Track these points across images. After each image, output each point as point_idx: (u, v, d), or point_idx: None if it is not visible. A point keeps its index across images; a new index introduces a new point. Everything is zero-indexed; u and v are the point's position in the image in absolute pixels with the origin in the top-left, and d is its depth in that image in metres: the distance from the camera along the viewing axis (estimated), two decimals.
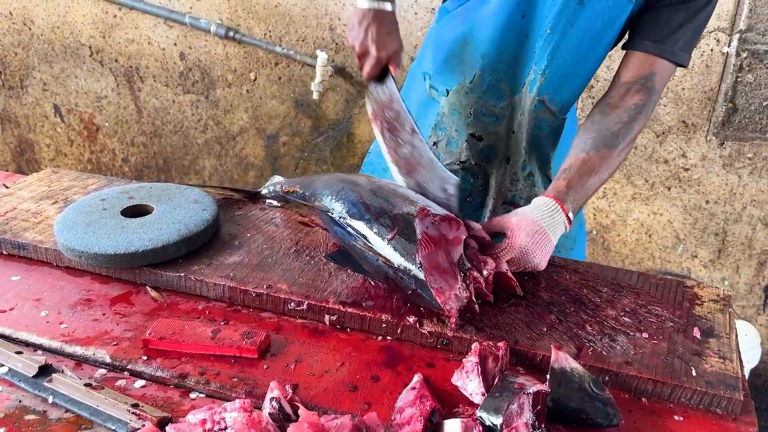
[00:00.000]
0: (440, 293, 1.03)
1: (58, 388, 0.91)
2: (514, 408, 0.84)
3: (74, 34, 3.16)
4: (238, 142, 3.13)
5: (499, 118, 1.52)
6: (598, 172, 1.28)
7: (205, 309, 1.15)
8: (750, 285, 2.61)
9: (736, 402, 0.95)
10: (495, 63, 1.44)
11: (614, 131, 1.31)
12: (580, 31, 1.35)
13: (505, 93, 1.48)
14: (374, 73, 1.40)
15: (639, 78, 1.35)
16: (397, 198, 1.16)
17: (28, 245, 1.27)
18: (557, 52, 1.38)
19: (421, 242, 1.06)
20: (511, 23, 1.38)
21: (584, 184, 1.27)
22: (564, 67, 1.40)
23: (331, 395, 0.94)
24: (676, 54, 1.33)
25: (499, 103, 1.49)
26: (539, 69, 1.41)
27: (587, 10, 1.32)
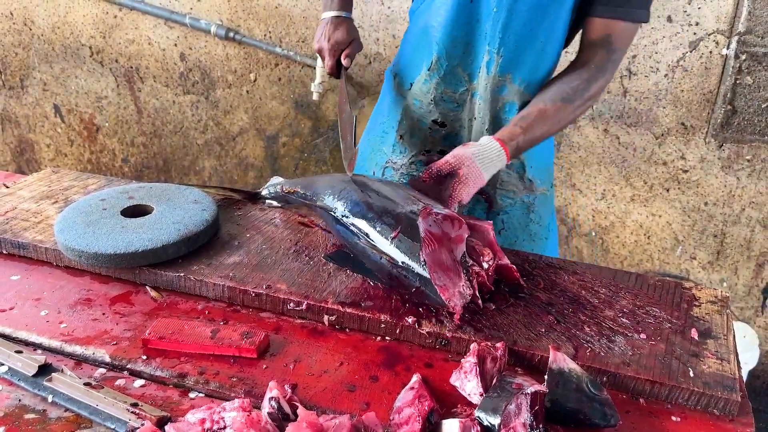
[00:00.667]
0: (444, 290, 1.04)
1: (57, 387, 0.92)
2: (511, 408, 0.84)
3: (74, 35, 3.16)
4: (238, 142, 3.13)
5: (459, 104, 1.55)
6: (550, 123, 1.37)
7: (205, 309, 1.15)
8: (748, 287, 2.61)
9: (733, 403, 0.95)
10: (449, 49, 1.48)
11: (572, 86, 1.39)
12: (526, 5, 1.38)
13: (463, 79, 1.52)
14: (330, 63, 1.53)
15: (597, 40, 1.40)
16: (399, 197, 1.18)
17: (28, 245, 1.27)
18: (507, 29, 1.41)
19: (425, 240, 1.08)
20: (461, 8, 1.42)
21: (534, 133, 1.36)
22: (518, 43, 1.43)
23: (329, 395, 0.94)
24: (630, 12, 1.37)
25: (459, 89, 1.53)
26: (493, 49, 1.44)
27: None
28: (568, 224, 2.76)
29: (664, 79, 2.40)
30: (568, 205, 2.73)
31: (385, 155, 1.67)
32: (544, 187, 1.66)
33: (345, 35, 1.52)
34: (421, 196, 1.21)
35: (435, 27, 1.47)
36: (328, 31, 1.52)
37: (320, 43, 1.54)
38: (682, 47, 2.34)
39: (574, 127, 2.58)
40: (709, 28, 2.29)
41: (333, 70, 1.55)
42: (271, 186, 1.50)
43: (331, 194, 1.26)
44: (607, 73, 1.42)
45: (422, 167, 1.62)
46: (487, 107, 1.52)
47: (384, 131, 1.67)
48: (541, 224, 1.67)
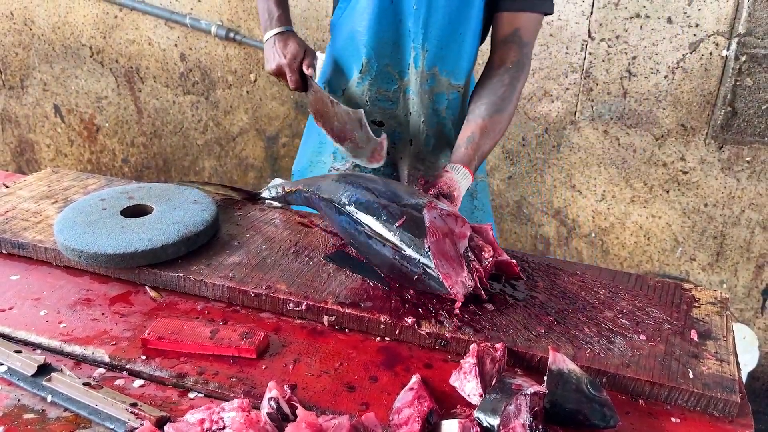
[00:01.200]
0: (447, 277, 1.07)
1: (56, 387, 0.92)
2: (511, 409, 0.84)
3: (75, 35, 3.16)
4: (238, 143, 3.14)
5: (393, 102, 1.60)
6: (492, 135, 1.43)
7: (204, 309, 1.15)
8: (748, 288, 2.61)
9: (732, 404, 0.95)
10: (378, 49, 1.53)
11: (501, 95, 1.45)
12: (443, 1, 1.44)
13: (394, 77, 1.57)
14: (294, 78, 1.52)
15: (507, 36, 1.48)
16: (403, 191, 1.20)
17: (27, 245, 1.27)
18: (429, 24, 1.47)
19: (430, 229, 1.10)
20: (383, 9, 1.47)
21: (483, 149, 1.42)
22: (441, 37, 1.49)
23: (329, 395, 0.94)
24: (534, 4, 1.45)
25: (391, 87, 1.58)
26: (417, 45, 1.50)
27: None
28: (568, 225, 2.76)
29: (664, 80, 2.40)
30: (568, 206, 2.73)
31: (325, 165, 1.70)
32: (481, 175, 1.75)
33: (297, 47, 1.52)
34: (425, 194, 1.23)
35: (361, 31, 1.52)
36: (278, 48, 1.52)
37: (277, 62, 1.52)
38: (682, 48, 2.34)
39: (574, 129, 2.58)
40: (709, 30, 2.29)
41: (298, 84, 1.54)
42: (272, 187, 1.50)
43: (335, 187, 1.27)
44: (524, 68, 1.49)
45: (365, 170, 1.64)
46: (419, 101, 1.58)
47: (321, 141, 1.70)
48: (484, 210, 1.77)
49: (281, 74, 1.54)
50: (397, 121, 1.63)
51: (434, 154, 1.67)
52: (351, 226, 1.20)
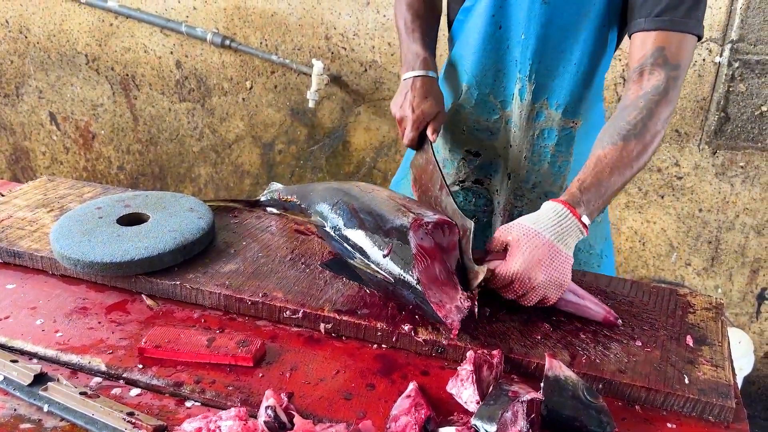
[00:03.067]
0: (441, 307, 1.03)
1: (53, 396, 0.91)
2: (508, 416, 0.85)
3: (70, 43, 3.16)
4: (234, 150, 3.14)
5: (494, 133, 1.50)
6: (617, 168, 1.15)
7: (201, 317, 1.15)
8: (743, 293, 2.62)
9: (728, 410, 0.96)
10: (480, 77, 1.45)
11: (629, 121, 1.19)
12: (554, 28, 1.33)
13: (495, 106, 1.47)
14: (412, 136, 1.37)
15: (646, 58, 1.23)
16: (390, 209, 1.16)
17: (23, 253, 1.27)
18: (537, 55, 1.37)
19: (417, 257, 1.06)
20: (489, 35, 1.39)
21: (601, 183, 1.14)
22: (549, 68, 1.38)
23: (326, 403, 0.94)
24: (677, 23, 1.21)
25: (492, 117, 1.48)
26: (524, 76, 1.40)
27: (553, 6, 1.31)
28: None
29: None
30: None
31: None
32: None
33: (433, 106, 1.37)
34: (411, 204, 1.19)
35: (465, 56, 1.45)
36: (413, 98, 1.37)
37: (403, 112, 1.38)
38: None
39: None
40: None
41: (413, 143, 1.39)
42: (269, 193, 1.51)
43: (325, 207, 1.25)
44: (669, 94, 1.21)
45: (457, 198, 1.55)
46: (522, 135, 1.46)
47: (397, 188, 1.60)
48: (591, 252, 1.55)
49: (401, 124, 1.40)
50: (495, 153, 1.52)
51: (534, 192, 1.53)
52: (343, 251, 1.18)
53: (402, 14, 1.48)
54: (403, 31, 1.46)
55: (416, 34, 1.44)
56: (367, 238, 1.13)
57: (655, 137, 1.20)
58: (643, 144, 1.18)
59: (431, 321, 1.09)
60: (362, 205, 1.20)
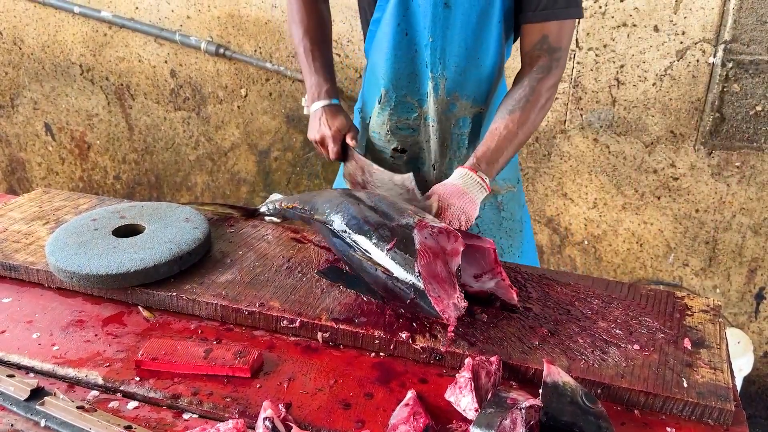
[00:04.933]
0: (439, 301, 1.05)
1: (50, 411, 0.91)
2: (507, 423, 0.84)
3: (65, 53, 3.16)
4: (230, 157, 3.13)
5: (414, 129, 1.62)
6: (506, 137, 1.38)
7: (198, 328, 1.15)
8: (741, 292, 2.62)
9: (727, 413, 0.95)
10: (395, 81, 1.55)
11: (516, 98, 1.42)
12: (458, 29, 1.46)
13: (413, 105, 1.59)
14: (336, 149, 1.53)
15: (534, 45, 1.45)
16: (396, 211, 1.18)
17: (19, 267, 1.26)
18: (446, 54, 1.49)
19: (420, 252, 1.08)
20: (397, 42, 1.50)
21: (493, 150, 1.37)
22: (459, 64, 1.50)
23: (324, 413, 0.94)
24: (557, 13, 1.41)
25: (411, 115, 1.60)
26: (436, 74, 1.51)
27: (455, 9, 1.44)
28: (561, 233, 2.77)
29: (652, 87, 2.42)
30: (560, 215, 2.74)
31: None
32: (509, 185, 1.72)
33: (344, 121, 1.54)
34: (417, 210, 1.21)
35: (379, 63, 1.55)
36: (326, 119, 1.53)
37: (321, 132, 1.54)
38: (670, 56, 2.36)
39: (564, 137, 2.59)
40: (695, 37, 2.31)
41: (339, 155, 1.55)
42: (270, 203, 1.51)
43: (328, 208, 1.26)
44: (552, 72, 1.44)
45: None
46: (439, 127, 1.59)
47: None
48: (513, 219, 1.75)
49: (323, 144, 1.55)
50: (419, 147, 1.65)
51: None
52: (344, 248, 1.19)
53: (299, 40, 1.58)
54: (303, 59, 1.58)
55: (317, 63, 1.57)
56: (370, 232, 1.15)
57: (536, 107, 1.42)
58: (525, 114, 1.41)
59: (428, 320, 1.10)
60: (367, 206, 1.22)
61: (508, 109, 1.41)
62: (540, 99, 1.43)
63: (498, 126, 1.40)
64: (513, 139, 1.40)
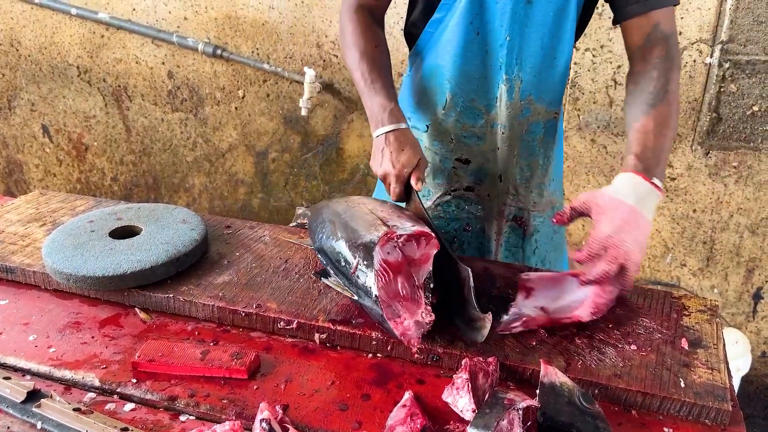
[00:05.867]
0: (398, 324, 1.02)
1: (46, 413, 0.91)
2: (504, 424, 0.84)
3: (62, 55, 3.16)
4: (228, 159, 3.13)
5: (480, 137, 1.52)
6: (658, 131, 1.27)
7: (195, 330, 1.14)
8: (739, 292, 2.62)
9: (724, 413, 0.96)
10: (463, 84, 1.46)
11: (651, 90, 1.32)
12: (537, 27, 1.38)
13: (480, 111, 1.49)
14: (398, 191, 1.35)
15: (647, 37, 1.35)
16: (365, 226, 1.14)
17: (15, 269, 1.26)
18: (523, 54, 1.41)
19: (378, 273, 1.05)
20: (468, 42, 1.41)
21: (651, 149, 1.25)
22: (535, 65, 1.43)
23: (321, 415, 0.94)
24: (662, 1, 1.33)
25: (478, 122, 1.50)
26: (511, 76, 1.43)
27: (536, 6, 1.36)
28: None
29: None
30: None
31: None
32: (562, 199, 1.68)
33: (411, 156, 1.33)
34: (392, 215, 1.18)
35: (444, 66, 1.45)
36: (390, 153, 1.34)
37: (384, 169, 1.35)
38: None
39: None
40: (692, 38, 2.31)
41: (401, 197, 1.36)
42: (298, 216, 1.53)
43: (314, 228, 1.28)
44: (674, 60, 1.35)
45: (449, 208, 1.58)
46: (510, 134, 1.49)
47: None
48: (560, 232, 1.72)
49: (385, 181, 1.37)
50: (485, 157, 1.54)
51: (528, 188, 1.59)
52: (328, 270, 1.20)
53: (356, 64, 1.44)
54: (362, 83, 1.42)
55: (377, 84, 1.40)
56: (341, 256, 1.13)
57: (675, 97, 1.33)
58: (668, 105, 1.31)
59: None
60: (342, 222, 1.19)
61: (650, 103, 1.30)
62: (673, 86, 1.33)
63: (646, 123, 1.28)
64: (667, 134, 1.28)
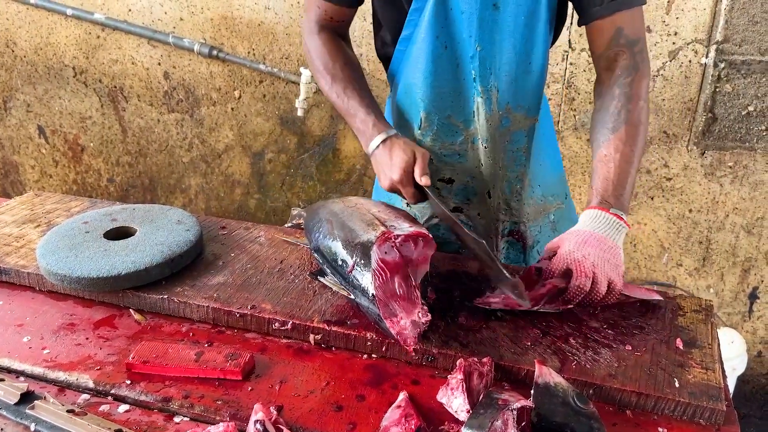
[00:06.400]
0: (395, 324, 1.02)
1: (40, 415, 0.91)
2: (498, 425, 0.84)
3: (57, 56, 3.15)
4: (224, 159, 3.13)
5: (461, 155, 1.46)
6: (621, 159, 1.23)
7: (189, 331, 1.14)
8: (735, 292, 2.63)
9: (719, 413, 0.96)
10: (436, 101, 1.40)
11: (612, 111, 1.27)
12: (508, 33, 1.32)
13: (458, 128, 1.43)
14: (411, 192, 1.31)
15: (609, 42, 1.30)
16: (363, 225, 1.15)
17: (10, 270, 1.26)
18: (496, 62, 1.35)
19: (375, 273, 1.05)
20: (436, 57, 1.35)
21: (613, 180, 1.22)
22: (510, 72, 1.37)
23: (316, 416, 0.94)
24: (627, 1, 1.27)
25: (457, 139, 1.44)
26: (487, 86, 1.37)
27: (504, 11, 1.30)
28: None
29: None
30: None
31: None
32: (558, 202, 1.60)
33: (403, 154, 1.30)
34: (389, 216, 1.18)
35: (416, 84, 1.40)
36: (387, 165, 1.31)
37: (388, 180, 1.31)
38: (662, 57, 2.36)
39: (558, 138, 2.59)
40: (687, 38, 2.31)
41: (417, 197, 1.32)
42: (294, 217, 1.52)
43: (311, 228, 1.28)
44: (638, 68, 1.29)
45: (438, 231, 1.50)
46: (493, 146, 1.43)
47: (389, 199, 1.50)
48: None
49: (397, 191, 1.33)
50: (469, 175, 1.48)
51: (520, 200, 1.54)
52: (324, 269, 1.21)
53: (330, 88, 1.40)
54: (340, 105, 1.40)
55: (353, 101, 1.37)
56: (338, 255, 1.14)
57: (641, 114, 1.27)
58: (631, 125, 1.25)
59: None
60: (339, 221, 1.20)
61: (609, 128, 1.25)
62: (640, 103, 1.27)
63: (608, 150, 1.24)
64: (631, 160, 1.23)
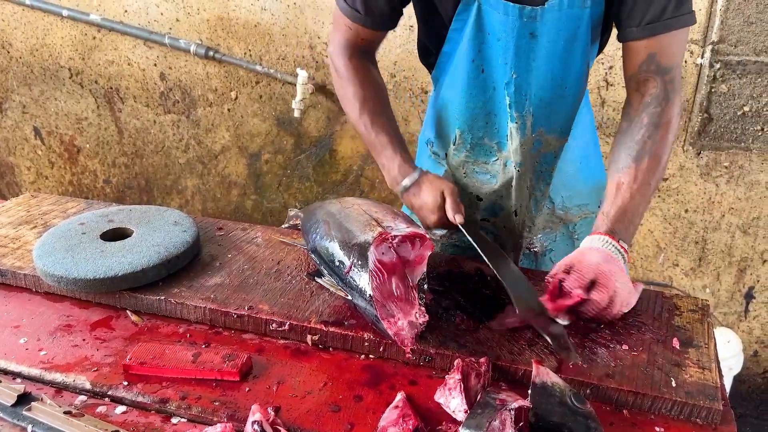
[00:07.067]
0: (392, 324, 1.02)
1: (37, 416, 0.90)
2: (496, 425, 0.84)
3: (53, 57, 3.15)
4: (221, 160, 3.13)
5: (493, 176, 1.46)
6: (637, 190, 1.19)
7: (186, 332, 1.14)
8: (731, 292, 2.64)
9: (715, 412, 0.96)
10: (470, 121, 1.41)
11: (638, 140, 1.22)
12: (545, 59, 1.29)
13: (492, 149, 1.43)
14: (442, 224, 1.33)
15: (640, 66, 1.25)
16: (360, 226, 1.15)
17: (6, 271, 1.25)
18: (531, 88, 1.33)
19: (372, 273, 1.05)
20: (472, 79, 1.35)
21: (625, 210, 1.18)
22: (545, 97, 1.35)
23: (313, 416, 0.94)
24: (666, 25, 1.20)
25: (491, 158, 1.44)
26: (522, 112, 1.35)
27: (541, 38, 1.26)
28: None
29: None
30: None
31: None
32: (585, 212, 1.53)
33: (430, 195, 1.31)
34: (386, 216, 1.19)
35: (453, 102, 1.40)
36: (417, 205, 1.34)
37: (425, 224, 1.35)
38: None
39: None
40: None
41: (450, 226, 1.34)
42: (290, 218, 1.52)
43: (309, 226, 1.28)
44: (670, 99, 1.23)
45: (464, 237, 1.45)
46: (523, 170, 1.42)
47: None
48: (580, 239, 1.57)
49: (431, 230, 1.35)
50: (498, 195, 1.47)
51: (543, 216, 1.52)
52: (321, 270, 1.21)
53: (357, 117, 1.39)
54: (366, 136, 1.39)
55: (381, 137, 1.37)
56: (335, 255, 1.14)
57: (665, 148, 1.22)
58: (655, 158, 1.20)
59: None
60: (336, 222, 1.20)
61: (633, 156, 1.20)
62: (667, 136, 1.21)
63: (626, 178, 1.19)
64: (646, 192, 1.19)
